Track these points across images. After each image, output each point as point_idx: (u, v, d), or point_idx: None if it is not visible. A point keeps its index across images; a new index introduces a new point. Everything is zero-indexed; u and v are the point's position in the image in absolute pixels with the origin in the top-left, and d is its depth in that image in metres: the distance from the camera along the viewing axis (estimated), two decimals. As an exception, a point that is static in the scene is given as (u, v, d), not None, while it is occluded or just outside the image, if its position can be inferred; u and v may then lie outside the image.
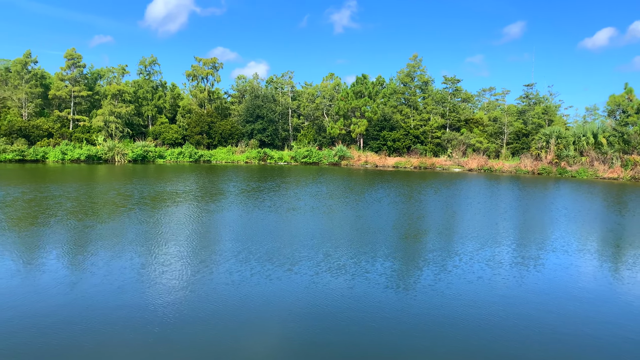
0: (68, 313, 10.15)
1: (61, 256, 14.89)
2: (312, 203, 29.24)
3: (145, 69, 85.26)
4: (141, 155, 72.84)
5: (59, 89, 76.21)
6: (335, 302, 11.31)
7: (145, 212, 23.67)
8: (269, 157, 79.67)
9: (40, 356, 8.28)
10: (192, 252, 15.75)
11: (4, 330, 9.22)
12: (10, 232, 18.11)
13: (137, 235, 18.18)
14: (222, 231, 19.58)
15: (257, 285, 12.30)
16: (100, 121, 75.84)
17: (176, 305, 10.81)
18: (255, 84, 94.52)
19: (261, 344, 9.17)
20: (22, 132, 69.68)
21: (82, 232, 18.37)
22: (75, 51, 76.13)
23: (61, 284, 12.02)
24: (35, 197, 27.94)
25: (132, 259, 14.62)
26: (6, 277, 12.49)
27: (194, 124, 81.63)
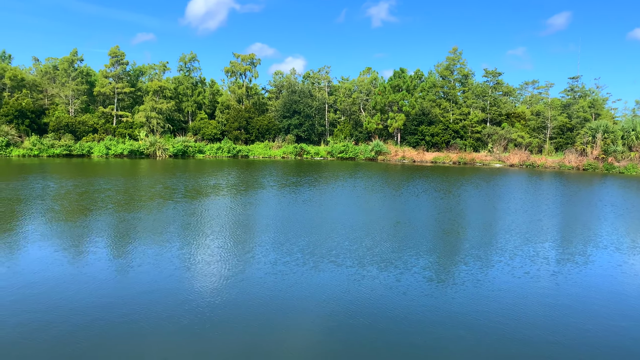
0: (119, 298, 10.51)
1: (114, 245, 15.43)
2: (350, 197, 29.21)
3: (185, 65, 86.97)
4: (181, 150, 74.40)
5: (103, 85, 78.72)
6: (381, 296, 11.26)
7: (191, 205, 24.21)
8: (306, 152, 79.96)
9: (91, 337, 8.61)
10: (238, 243, 16.01)
11: (56, 312, 9.63)
12: (66, 222, 18.88)
13: (185, 226, 18.63)
14: (265, 223, 19.81)
15: (302, 277, 12.39)
16: (142, 117, 77.89)
17: (223, 293, 11.02)
18: (292, 79, 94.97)
19: (304, 335, 9.24)
20: (69, 128, 72.35)
21: (133, 223, 18.96)
22: (118, 49, 78.40)
23: (112, 271, 12.45)
24: (87, 190, 29.02)
25: (181, 249, 14.99)
26: (61, 263, 13.03)
27: (232, 119, 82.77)
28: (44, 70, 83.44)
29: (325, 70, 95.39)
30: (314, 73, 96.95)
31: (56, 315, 9.52)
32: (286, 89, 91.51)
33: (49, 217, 20.19)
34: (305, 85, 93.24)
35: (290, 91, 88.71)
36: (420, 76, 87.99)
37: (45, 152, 66.86)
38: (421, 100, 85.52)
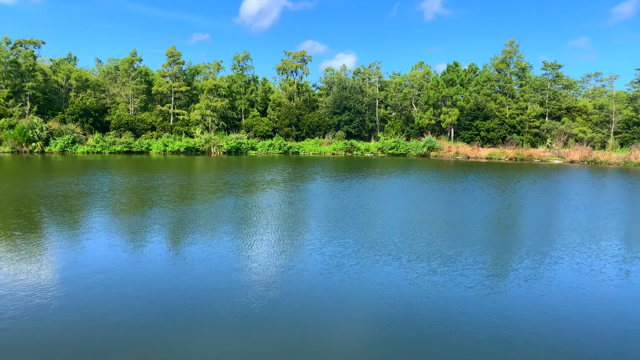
0: (176, 287, 10.84)
1: (177, 236, 15.96)
2: (403, 193, 28.85)
3: (239, 64, 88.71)
4: (235, 147, 76.02)
5: (160, 85, 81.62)
6: (444, 292, 11.04)
7: (251, 198, 24.70)
8: (356, 148, 79.69)
9: (149, 325, 8.92)
10: (293, 237, 16.16)
11: (115, 300, 10.05)
12: (135, 215, 19.74)
13: (244, 219, 19.02)
14: (318, 218, 19.88)
15: (358, 272, 12.33)
16: (198, 115, 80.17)
17: (277, 286, 11.14)
18: (342, 76, 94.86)
19: (358, 331, 9.17)
20: (129, 126, 75.54)
21: (198, 215, 19.55)
22: (175, 49, 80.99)
23: (173, 261, 12.88)
24: (152, 185, 30.24)
25: (239, 241, 15.32)
26: (127, 252, 13.62)
27: (283, 116, 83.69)
28: (106, 70, 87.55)
29: (376, 66, 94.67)
30: (365, 69, 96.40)
31: (117, 302, 9.94)
32: (336, 85, 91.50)
33: (119, 209, 21.17)
34: (355, 81, 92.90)
35: (340, 87, 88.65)
36: (474, 70, 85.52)
37: (107, 149, 70.12)
38: (476, 95, 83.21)
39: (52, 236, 15.86)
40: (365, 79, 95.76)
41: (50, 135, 68.39)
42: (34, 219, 18.53)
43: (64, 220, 18.69)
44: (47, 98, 77.68)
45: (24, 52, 73.51)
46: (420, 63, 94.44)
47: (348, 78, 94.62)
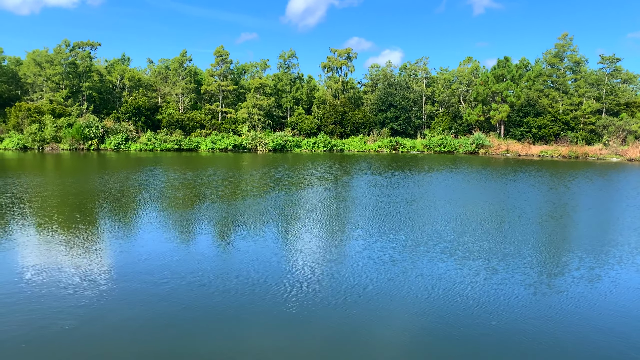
0: (224, 279, 11.01)
1: (230, 229, 16.27)
2: (452, 190, 28.25)
3: (285, 62, 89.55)
4: (280, 144, 76.82)
5: (209, 84, 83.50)
6: (505, 293, 10.71)
7: (300, 194, 24.91)
8: (401, 145, 78.80)
9: (195, 316, 9.08)
10: (343, 232, 16.13)
11: (168, 290, 10.29)
12: (192, 209, 20.30)
13: (295, 214, 19.18)
14: (369, 214, 19.75)
15: (408, 268, 12.14)
16: (245, 113, 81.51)
17: (325, 281, 11.12)
18: (388, 72, 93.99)
19: (406, 329, 9.01)
20: (179, 124, 77.72)
21: (250, 209, 19.88)
22: (223, 48, 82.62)
23: (223, 253, 13.11)
24: (205, 181, 31.03)
25: (288, 235, 15.44)
26: (179, 244, 14.00)
27: (327, 114, 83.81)
28: (157, 70, 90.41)
29: (423, 62, 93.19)
30: (411, 65, 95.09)
31: (170, 293, 10.20)
32: (382, 82, 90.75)
33: (176, 204, 21.85)
34: (401, 78, 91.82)
35: (386, 84, 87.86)
36: (526, 65, 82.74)
37: (159, 147, 72.44)
38: (527, 90, 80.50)
39: (112, 229, 16.51)
40: (411, 75, 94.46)
41: (105, 133, 71.34)
42: (96, 213, 19.36)
43: (124, 213, 19.43)
44: (102, 97, 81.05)
45: (81, 54, 77.00)
46: (469, 58, 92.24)
47: (394, 74, 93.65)
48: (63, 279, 10.86)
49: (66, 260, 12.37)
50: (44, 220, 17.44)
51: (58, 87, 76.19)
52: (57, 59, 75.40)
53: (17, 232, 15.42)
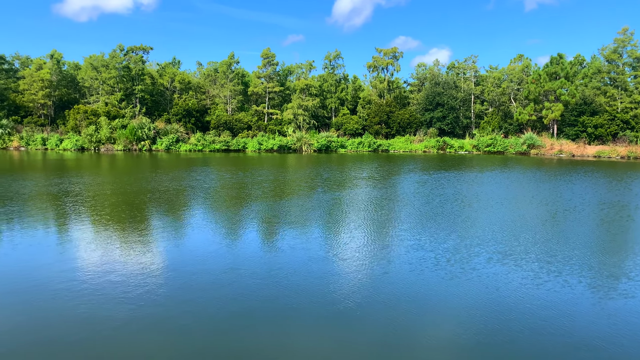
0: (269, 279, 11.02)
1: (279, 227, 16.39)
2: (504, 191, 27.36)
3: (330, 63, 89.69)
4: (325, 145, 76.96)
5: (256, 86, 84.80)
6: (569, 299, 10.22)
7: (349, 194, 24.84)
8: (449, 146, 77.20)
9: (239, 315, 9.10)
10: (391, 234, 15.90)
11: (218, 286, 10.40)
12: (244, 207, 20.65)
13: (345, 213, 19.12)
14: (420, 214, 19.40)
15: (459, 273, 11.79)
16: (290, 114, 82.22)
17: (370, 283, 10.95)
18: (435, 71, 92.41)
19: (455, 337, 8.70)
20: (227, 125, 79.33)
21: (302, 208, 20.00)
22: (269, 50, 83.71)
23: (271, 252, 13.18)
24: (255, 180, 31.53)
25: (335, 236, 15.37)
26: (229, 241, 14.20)
27: (373, 114, 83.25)
28: (206, 73, 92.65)
29: (472, 60, 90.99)
30: (459, 63, 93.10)
31: (219, 289, 10.32)
32: (429, 81, 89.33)
33: (229, 202, 22.28)
34: (449, 76, 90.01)
35: (433, 83, 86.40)
36: (581, 61, 79.30)
37: (207, 148, 74.18)
38: (582, 88, 77.05)
39: (167, 226, 16.97)
40: (459, 74, 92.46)
41: (157, 135, 73.75)
42: (153, 211, 19.99)
43: (178, 211, 19.97)
44: (154, 100, 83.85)
45: (134, 58, 79.94)
46: (520, 56, 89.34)
47: (441, 73, 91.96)
48: (118, 274, 11.22)
49: (122, 255, 12.79)
50: (106, 217, 18.15)
51: (113, 90, 79.44)
52: (112, 63, 78.65)
53: (80, 229, 16.11)
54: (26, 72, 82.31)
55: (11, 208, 19.65)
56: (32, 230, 15.82)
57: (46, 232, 15.66)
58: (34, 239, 14.63)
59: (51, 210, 19.48)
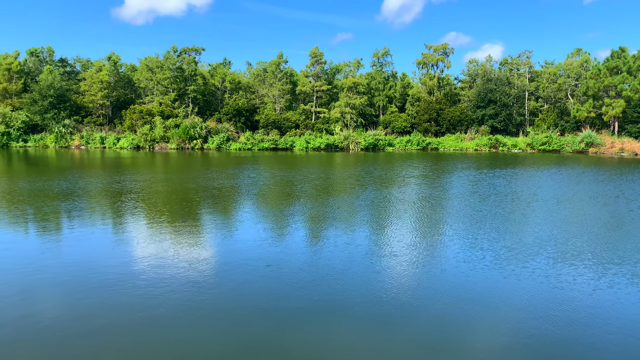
0: (314, 277, 10.96)
1: (333, 226, 16.38)
2: (561, 191, 26.20)
3: (378, 60, 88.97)
4: (372, 143, 76.42)
5: (303, 84, 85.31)
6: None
7: (403, 191, 24.57)
8: (501, 144, 74.83)
9: (286, 311, 9.07)
10: (444, 233, 15.54)
11: (265, 283, 10.44)
12: (301, 203, 20.84)
13: (402, 211, 18.90)
14: (473, 214, 18.89)
15: (519, 271, 11.34)
16: (337, 112, 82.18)
17: (418, 283, 10.69)
18: (487, 67, 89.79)
19: (504, 341, 8.32)
20: (275, 124, 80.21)
21: (354, 206, 19.95)
22: (318, 49, 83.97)
23: (316, 251, 13.14)
24: (306, 177, 31.77)
25: (395, 231, 15.18)
26: (273, 238, 14.29)
27: (422, 111, 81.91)
28: (256, 73, 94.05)
29: (526, 55, 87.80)
30: (513, 59, 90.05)
31: (267, 286, 10.36)
32: (481, 77, 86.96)
33: (280, 199, 22.55)
34: (502, 73, 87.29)
35: (485, 79, 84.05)
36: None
37: (256, 146, 75.30)
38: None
39: (222, 221, 17.33)
40: (513, 70, 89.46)
41: (208, 134, 75.55)
42: (209, 207, 20.49)
43: (233, 208, 20.38)
44: (205, 100, 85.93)
45: (187, 59, 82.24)
46: (578, 50, 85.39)
47: (494, 69, 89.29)
48: (170, 268, 11.52)
49: (174, 250, 13.14)
50: (161, 213, 18.76)
51: (167, 91, 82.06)
52: (166, 64, 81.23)
53: (136, 224, 16.71)
54: (86, 74, 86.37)
55: (75, 204, 20.65)
56: (91, 224, 16.56)
57: (104, 226, 16.34)
58: (93, 232, 15.30)
59: (110, 206, 20.32)
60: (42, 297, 9.69)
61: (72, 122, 77.42)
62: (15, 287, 10.07)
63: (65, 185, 26.31)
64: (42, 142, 75.45)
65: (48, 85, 77.41)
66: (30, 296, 9.67)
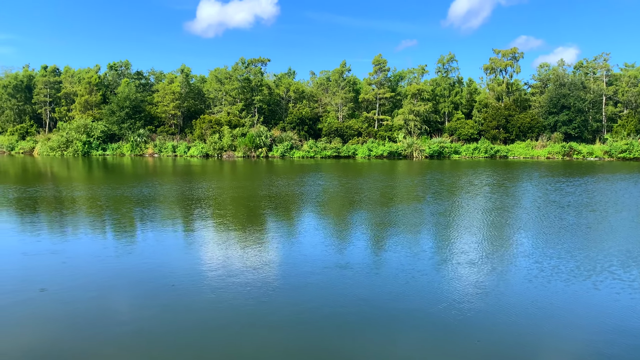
0: (374, 288, 10.76)
1: (402, 235, 16.18)
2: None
3: (443, 66, 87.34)
4: (437, 151, 74.93)
5: (366, 92, 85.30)
6: None
7: (467, 201, 23.91)
8: (576, 151, 70.94)
9: (345, 323, 8.92)
10: (518, 243, 14.88)
11: (323, 294, 10.37)
12: (362, 212, 20.85)
13: (460, 220, 18.38)
14: (547, 226, 17.96)
15: (598, 285, 10.61)
16: (401, 120, 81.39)
17: (483, 295, 10.22)
18: (560, 71, 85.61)
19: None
20: (338, 132, 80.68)
21: (422, 215, 19.67)
22: (381, 57, 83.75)
23: (378, 261, 12.95)
24: (378, 185, 31.72)
25: (451, 243, 14.75)
26: (336, 246, 14.26)
27: (490, 118, 79.36)
28: (319, 82, 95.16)
29: (603, 58, 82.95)
30: (588, 62, 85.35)
31: (325, 297, 10.31)
32: (553, 82, 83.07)
33: (347, 207, 22.64)
34: (576, 77, 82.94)
35: (557, 84, 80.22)
36: None
37: (319, 154, 76.06)
38: None
39: (285, 229, 17.59)
40: (588, 74, 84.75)
41: (273, 142, 77.24)
42: (273, 214, 20.90)
43: (305, 214, 20.66)
44: (270, 109, 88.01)
45: (254, 70, 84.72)
46: (663, 50, 79.44)
47: (567, 73, 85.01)
48: (236, 273, 11.75)
49: (241, 256, 13.43)
50: (231, 219, 19.35)
51: (234, 101, 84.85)
52: (234, 75, 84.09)
53: (206, 230, 17.31)
54: (160, 85, 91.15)
55: (155, 210, 21.74)
56: (163, 229, 17.33)
57: (174, 232, 17.04)
58: (165, 238, 15.99)
59: (187, 212, 21.20)
60: (117, 298, 10.25)
61: (146, 132, 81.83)
62: (93, 285, 10.73)
63: (146, 191, 27.79)
64: (119, 151, 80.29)
65: (125, 97, 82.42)
66: (105, 295, 10.27)
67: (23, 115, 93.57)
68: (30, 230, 16.99)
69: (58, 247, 14.29)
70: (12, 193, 26.90)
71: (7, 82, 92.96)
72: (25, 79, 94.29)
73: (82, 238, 15.78)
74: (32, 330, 8.52)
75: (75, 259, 13.00)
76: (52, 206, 22.40)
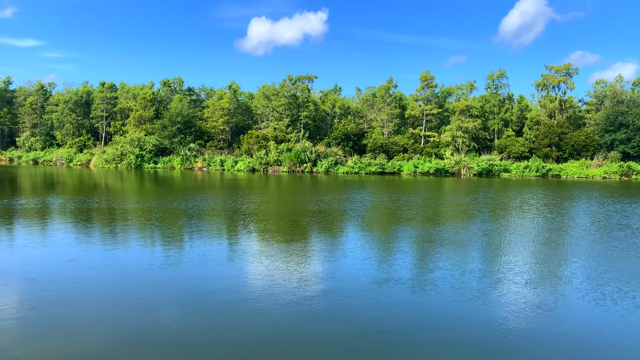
0: (417, 312, 10.39)
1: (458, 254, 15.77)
2: None
3: (493, 83, 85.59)
4: (486, 169, 73.12)
5: (413, 108, 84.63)
6: None
7: (522, 222, 23.11)
8: (635, 171, 67.50)
9: (381, 342, 8.63)
10: (569, 269, 14.16)
11: (362, 309, 10.10)
12: (410, 228, 20.54)
13: (509, 243, 17.73)
14: (608, 249, 17.03)
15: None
16: (448, 136, 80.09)
17: (528, 323, 9.67)
18: (618, 88, 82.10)
19: None
20: (383, 148, 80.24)
21: (470, 235, 19.16)
22: (428, 73, 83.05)
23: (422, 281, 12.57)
24: (426, 203, 31.29)
25: (495, 262, 14.19)
26: (377, 262, 13.97)
27: (542, 135, 76.89)
28: (364, 98, 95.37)
29: (665, 73, 78.89)
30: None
31: (363, 311, 10.06)
32: (609, 99, 79.76)
33: (397, 224, 22.37)
34: (635, 93, 79.28)
35: (615, 101, 76.96)
36: None
37: (363, 170, 75.81)
38: None
39: (329, 244, 17.49)
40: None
41: (318, 157, 77.70)
42: (317, 229, 20.88)
43: (349, 230, 20.55)
44: (316, 125, 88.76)
45: (301, 87, 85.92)
46: None
47: (625, 90, 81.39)
48: (279, 287, 11.69)
49: (284, 270, 13.38)
50: (276, 233, 19.45)
51: (281, 117, 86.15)
52: (282, 92, 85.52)
53: (250, 244, 17.45)
54: (210, 101, 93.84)
55: (196, 222, 22.18)
56: (208, 242, 17.59)
57: (219, 244, 17.25)
58: (209, 251, 16.18)
59: (228, 226, 21.50)
60: (162, 307, 10.46)
61: (196, 146, 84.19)
62: (138, 293, 10.97)
63: (199, 204, 28.47)
64: (169, 164, 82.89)
65: (177, 113, 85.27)
66: (151, 304, 10.50)
67: (81, 129, 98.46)
68: (96, 238, 17.68)
69: (117, 256, 14.77)
70: (74, 204, 28.16)
71: (68, 97, 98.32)
72: (84, 95, 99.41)
73: (148, 248, 16.26)
74: (96, 338, 8.78)
75: (127, 267, 13.38)
76: (111, 217, 23.28)
